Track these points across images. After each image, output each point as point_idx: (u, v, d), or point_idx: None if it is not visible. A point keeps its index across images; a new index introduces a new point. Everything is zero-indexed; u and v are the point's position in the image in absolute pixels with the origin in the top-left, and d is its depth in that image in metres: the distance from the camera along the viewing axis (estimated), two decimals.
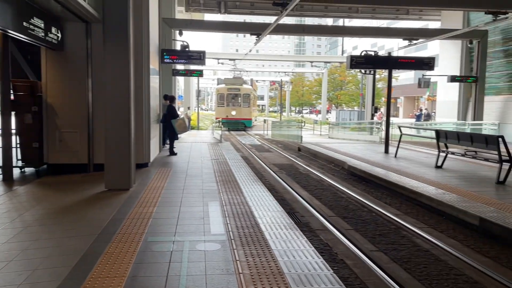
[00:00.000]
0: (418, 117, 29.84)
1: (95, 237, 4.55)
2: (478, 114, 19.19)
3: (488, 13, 12.78)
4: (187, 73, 19.84)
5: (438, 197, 6.87)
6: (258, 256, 4.01)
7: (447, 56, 22.28)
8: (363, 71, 19.94)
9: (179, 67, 20.35)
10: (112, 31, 6.94)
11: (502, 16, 12.67)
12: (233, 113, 29.69)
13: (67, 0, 6.73)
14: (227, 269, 3.70)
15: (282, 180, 9.74)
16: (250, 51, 22.55)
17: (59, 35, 8.16)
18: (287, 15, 12.73)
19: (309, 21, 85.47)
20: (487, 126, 18.90)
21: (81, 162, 8.71)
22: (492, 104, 19.65)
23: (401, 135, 12.83)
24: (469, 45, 19.91)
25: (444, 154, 10.14)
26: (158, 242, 4.40)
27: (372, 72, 20.12)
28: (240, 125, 29.88)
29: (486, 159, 8.88)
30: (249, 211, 5.68)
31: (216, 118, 26.20)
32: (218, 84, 34.58)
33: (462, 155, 9.61)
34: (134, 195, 6.63)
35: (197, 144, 15.02)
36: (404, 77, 57.33)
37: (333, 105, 61.61)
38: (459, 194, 7.07)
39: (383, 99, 46.45)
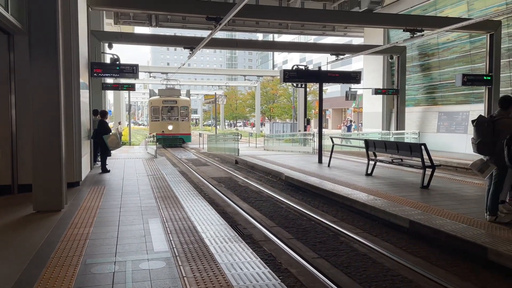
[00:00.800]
0: (349, 128, 31.50)
1: (27, 262, 4.23)
2: (400, 124, 20.61)
3: (406, 31, 13.87)
4: (118, 87, 19.20)
5: (371, 203, 7.26)
6: (205, 270, 3.97)
7: (371, 70, 23.76)
8: (295, 84, 20.59)
9: (109, 81, 19.68)
10: (39, 44, 6.57)
11: (419, 34, 13.81)
12: (170, 128, 26.71)
13: None
14: (174, 287, 3.62)
15: (222, 193, 9.73)
16: (183, 64, 22.42)
17: None
18: (220, 30, 12.85)
19: (240, 35, 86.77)
20: (409, 135, 20.34)
21: (4, 184, 8.06)
22: (412, 115, 21.22)
23: (333, 146, 13.40)
24: (390, 60, 21.41)
25: (373, 162, 10.75)
26: (98, 263, 4.20)
27: (303, 86, 20.85)
28: (178, 141, 27.23)
29: (411, 166, 9.55)
30: (191, 226, 5.61)
31: (150, 134, 23.07)
32: (151, 96, 30.72)
33: (390, 163, 10.25)
34: (67, 216, 6.26)
35: (131, 160, 14.54)
36: (332, 90, 60.22)
37: (266, 118, 62.86)
38: (389, 199, 7.52)
39: (313, 111, 48.30)
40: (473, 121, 5.82)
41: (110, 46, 16.08)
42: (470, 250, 5.02)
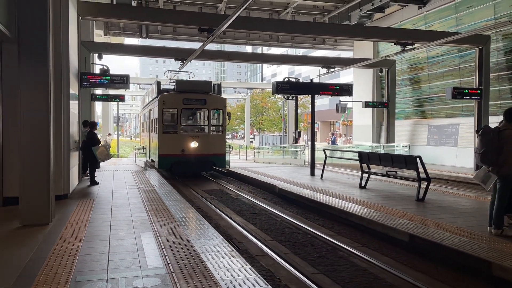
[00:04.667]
0: (333, 142, 31.81)
1: (13, 280, 3.98)
2: (390, 137, 20.69)
3: (397, 44, 13.96)
4: (107, 98, 18.94)
5: (368, 216, 7.13)
6: None
7: (360, 83, 23.92)
8: (285, 96, 20.59)
9: (98, 91, 19.42)
10: (29, 52, 6.37)
11: (410, 47, 13.91)
12: (194, 144, 14.82)
13: None
14: None
15: (215, 206, 9.52)
16: (174, 76, 22.33)
17: None
18: (211, 42, 12.76)
19: (229, 48, 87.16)
20: (399, 148, 20.40)
21: None
22: (402, 127, 21.33)
23: (326, 158, 13.31)
24: (379, 73, 21.58)
25: (367, 175, 10.66)
26: (89, 281, 3.97)
27: (294, 98, 20.85)
28: (206, 166, 15.62)
29: (406, 178, 9.48)
30: (186, 241, 5.40)
31: (163, 152, 14.81)
32: (159, 91, 16.22)
33: (384, 175, 10.17)
34: (55, 230, 6.00)
35: (120, 172, 14.25)
36: (320, 103, 60.47)
37: (255, 130, 62.81)
38: (386, 212, 7.41)
39: (302, 124, 48.40)
40: (477, 131, 5.76)
41: (100, 57, 15.89)
42: (473, 265, 4.90)
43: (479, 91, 15.64)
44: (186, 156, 14.61)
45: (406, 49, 13.84)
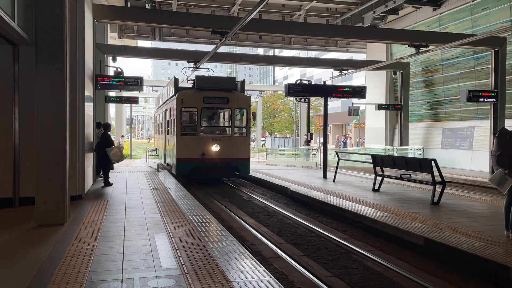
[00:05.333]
0: (344, 144, 31.73)
1: (30, 279, 4.04)
2: (403, 140, 20.51)
3: (411, 46, 13.84)
4: (121, 100, 19.15)
5: (382, 219, 7.07)
6: None
7: (373, 85, 23.75)
8: (297, 99, 20.56)
9: (111, 93, 19.64)
10: (46, 55, 6.47)
11: (424, 49, 13.78)
12: (215, 148, 13.37)
13: None
14: None
15: (227, 208, 9.53)
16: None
17: None
18: (223, 44, 12.81)
19: (241, 50, 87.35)
20: (413, 151, 20.20)
21: (5, 196, 7.87)
22: (416, 130, 21.12)
23: (338, 161, 13.23)
24: (393, 76, 21.41)
25: (380, 178, 10.57)
26: (104, 281, 4.01)
27: (306, 100, 20.80)
28: (229, 172, 14.06)
29: (421, 181, 9.38)
30: (199, 242, 5.41)
31: (179, 156, 13.35)
32: (176, 89, 14.52)
33: (398, 178, 10.08)
34: (70, 230, 6.07)
35: (133, 174, 14.36)
36: (332, 106, 60.22)
37: (267, 132, 62.77)
38: (400, 216, 7.33)
39: (314, 126, 48.26)
40: (494, 133, 5.68)
41: (114, 59, 16.08)
42: (490, 270, 4.82)
43: (494, 94, 15.42)
44: (207, 161, 13.10)
45: (420, 51, 13.71)
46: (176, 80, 14.58)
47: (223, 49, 25.62)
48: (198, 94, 13.33)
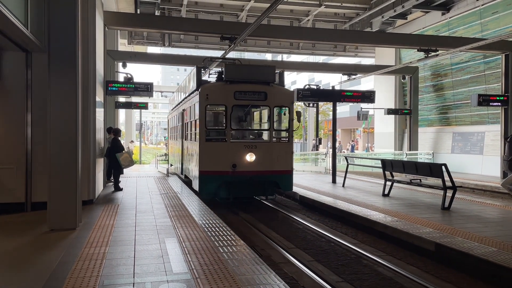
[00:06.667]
0: (352, 148, 31.67)
1: (43, 283, 4.09)
2: (413, 144, 20.39)
3: (420, 50, 13.81)
4: (131, 106, 19.31)
5: (392, 224, 7.04)
6: None
7: (382, 90, 23.66)
8: (306, 103, 20.53)
9: (121, 99, 19.82)
10: (58, 61, 6.57)
11: (433, 54, 13.73)
12: (251, 158, 10.15)
13: (7, 27, 6.28)
14: None
15: (236, 213, 9.54)
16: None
17: None
18: (232, 50, 12.89)
19: (249, 55, 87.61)
20: (423, 156, 20.07)
21: (18, 201, 7.98)
22: (425, 135, 20.99)
23: (347, 165, 13.20)
24: (402, 80, 21.33)
25: (390, 183, 10.52)
26: (117, 285, 4.05)
27: (314, 105, 20.76)
28: (266, 189, 10.55)
29: (431, 186, 9.32)
30: (210, 246, 5.43)
31: (200, 168, 10.27)
32: (199, 82, 11.07)
33: (408, 183, 10.02)
34: (82, 234, 6.13)
35: (143, 179, 14.45)
36: (341, 111, 60.02)
37: None
38: (410, 221, 7.29)
39: (322, 131, 48.15)
40: (506, 138, 5.66)
41: (124, 65, 16.21)
42: (504, 276, 4.77)
43: (505, 98, 15.29)
44: (239, 175, 9.97)
45: (429, 55, 13.66)
46: (198, 70, 11.19)
47: (232, 54, 25.52)
48: (227, 88, 10.21)
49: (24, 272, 4.50)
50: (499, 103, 15.35)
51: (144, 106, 18.02)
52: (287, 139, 10.76)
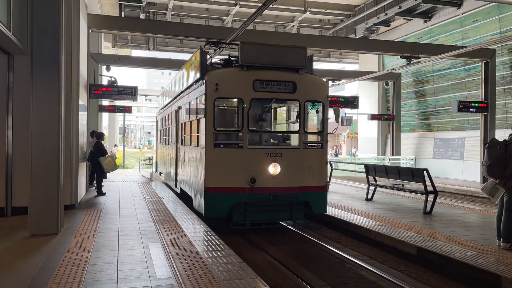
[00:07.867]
0: (336, 155, 31.96)
1: None
2: (396, 150, 20.67)
3: (403, 57, 14.05)
4: (114, 109, 19.13)
5: (375, 228, 7.12)
6: None
7: (366, 95, 24.00)
8: None
9: (105, 103, 19.62)
10: (41, 64, 6.47)
11: (415, 60, 13.99)
12: (275, 170, 7.50)
13: None
14: None
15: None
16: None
17: None
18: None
19: None
20: (405, 161, 20.37)
21: None
22: (408, 140, 21.31)
23: (331, 170, 13.29)
24: (385, 86, 21.66)
25: (373, 188, 10.64)
26: None
27: None
28: (293, 210, 7.85)
29: (413, 191, 9.46)
30: (194, 251, 5.41)
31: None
32: (202, 67, 7.93)
33: (390, 188, 10.15)
34: (64, 240, 6.04)
35: (126, 183, 14.30)
36: None
37: None
38: (393, 225, 7.38)
39: None
40: (485, 143, 5.79)
41: (108, 69, 16.09)
42: (483, 279, 4.88)
43: (485, 105, 15.65)
44: (260, 192, 7.52)
45: (411, 62, 13.91)
46: (203, 54, 8.16)
47: (217, 58, 25.43)
48: (244, 75, 7.65)
49: (4, 279, 4.41)
50: (479, 110, 15.69)
51: (124, 110, 17.82)
52: (320, 144, 8.23)
